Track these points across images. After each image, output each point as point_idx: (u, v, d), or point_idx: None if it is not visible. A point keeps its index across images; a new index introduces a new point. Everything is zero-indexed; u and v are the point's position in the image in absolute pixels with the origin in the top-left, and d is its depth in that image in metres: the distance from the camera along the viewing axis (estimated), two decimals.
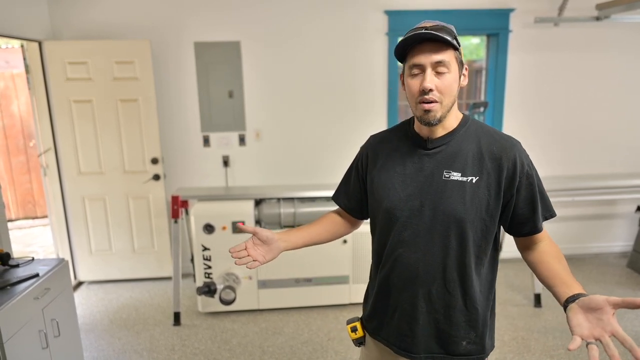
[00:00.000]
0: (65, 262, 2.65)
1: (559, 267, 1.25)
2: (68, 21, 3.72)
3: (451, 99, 1.24)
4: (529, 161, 1.28)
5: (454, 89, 1.23)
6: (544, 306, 3.50)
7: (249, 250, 1.38)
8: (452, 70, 1.22)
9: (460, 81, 1.26)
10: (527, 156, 1.28)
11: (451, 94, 1.23)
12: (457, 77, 1.24)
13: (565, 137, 4.24)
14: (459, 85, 1.26)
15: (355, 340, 1.55)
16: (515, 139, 1.29)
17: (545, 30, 3.99)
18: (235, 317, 3.43)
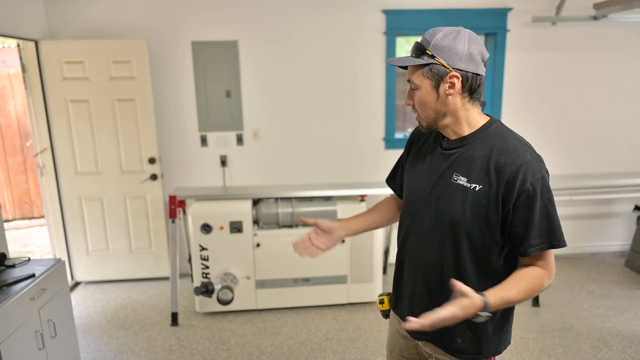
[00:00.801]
0: (61, 262, 2.63)
1: (511, 280, 1.25)
2: (65, 20, 3.70)
3: (428, 111, 1.29)
4: (537, 180, 1.21)
5: (426, 102, 1.28)
6: (542, 305, 3.49)
7: (313, 240, 1.55)
8: (423, 86, 1.27)
9: (440, 92, 1.26)
10: (537, 174, 1.21)
11: (425, 107, 1.29)
12: (429, 91, 1.26)
13: (563, 137, 4.24)
14: (440, 96, 1.26)
15: (381, 312, 1.63)
16: (531, 154, 1.24)
17: (543, 29, 3.99)
18: (233, 317, 3.42)
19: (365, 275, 3.47)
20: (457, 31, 1.24)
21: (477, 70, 1.24)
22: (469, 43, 1.23)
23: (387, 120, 4.08)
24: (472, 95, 1.27)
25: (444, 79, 1.24)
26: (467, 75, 1.23)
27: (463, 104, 1.27)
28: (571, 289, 3.78)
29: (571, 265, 4.25)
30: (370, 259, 3.45)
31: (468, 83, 1.24)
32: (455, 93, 1.25)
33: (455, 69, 1.23)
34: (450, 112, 1.28)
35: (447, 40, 1.23)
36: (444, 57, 1.23)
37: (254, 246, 3.34)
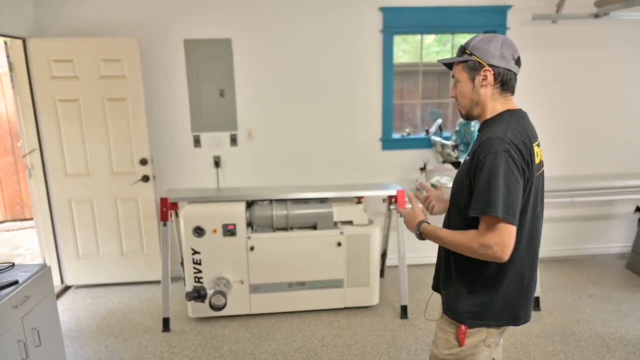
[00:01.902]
0: (47, 268, 2.54)
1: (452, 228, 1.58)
2: (53, 18, 3.60)
3: (466, 100, 1.56)
4: (490, 154, 1.39)
5: (463, 92, 1.56)
6: (544, 309, 3.42)
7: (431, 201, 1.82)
8: (462, 79, 1.56)
9: (475, 83, 1.52)
10: (492, 149, 1.39)
11: (463, 96, 1.57)
12: (466, 83, 1.54)
13: (564, 136, 4.17)
14: (475, 87, 1.53)
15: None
16: (501, 134, 1.41)
17: (543, 27, 3.91)
18: (227, 322, 3.33)
19: (362, 279, 3.39)
20: (491, 37, 1.51)
21: (508, 66, 1.49)
22: (502, 45, 1.49)
23: (384, 120, 3.99)
24: (503, 87, 1.52)
25: (479, 72, 1.50)
26: (499, 70, 1.49)
27: (492, 94, 1.52)
28: (572, 292, 3.70)
29: (571, 268, 4.18)
30: (367, 262, 3.36)
31: (500, 77, 1.50)
32: (488, 85, 1.51)
33: (489, 65, 1.49)
34: (481, 101, 1.53)
35: (482, 43, 1.50)
36: (480, 55, 1.50)
37: (247, 250, 3.26)
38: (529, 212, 1.48)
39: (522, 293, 1.55)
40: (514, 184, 1.37)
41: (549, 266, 4.22)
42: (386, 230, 3.87)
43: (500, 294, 1.52)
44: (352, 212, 3.39)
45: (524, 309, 1.57)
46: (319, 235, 3.30)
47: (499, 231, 1.36)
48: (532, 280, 1.56)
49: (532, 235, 1.53)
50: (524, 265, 1.52)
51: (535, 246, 1.56)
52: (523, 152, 1.40)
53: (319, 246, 3.31)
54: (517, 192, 1.38)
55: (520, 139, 1.41)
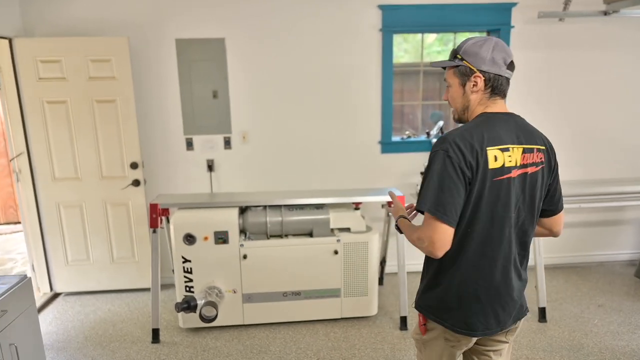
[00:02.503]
0: (27, 279, 2.41)
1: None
2: (41, 17, 3.48)
3: (457, 104, 1.57)
4: (436, 150, 1.43)
5: (455, 97, 1.57)
6: (550, 321, 3.27)
7: None
8: (453, 84, 1.56)
9: (466, 89, 1.52)
10: (436, 146, 1.44)
11: (454, 101, 1.58)
12: (457, 88, 1.55)
13: (570, 139, 4.01)
14: (466, 92, 1.53)
15: None
16: (447, 135, 1.44)
17: (550, 25, 3.76)
18: (218, 333, 3.20)
19: (360, 289, 3.25)
20: (484, 40, 1.48)
21: (499, 72, 1.47)
22: (493, 50, 1.46)
23: (383, 122, 3.85)
24: (493, 92, 1.50)
25: (470, 78, 1.50)
26: (489, 76, 1.48)
27: (481, 99, 1.52)
28: (579, 301, 3.55)
29: (578, 276, 4.03)
30: (365, 270, 3.23)
31: (490, 82, 1.49)
32: (478, 90, 1.50)
33: (480, 71, 1.48)
34: (471, 106, 1.54)
35: (474, 47, 1.48)
36: (471, 60, 1.49)
37: (240, 258, 3.12)
38: (482, 216, 1.44)
39: (478, 300, 1.50)
40: (448, 183, 1.38)
41: (554, 274, 4.07)
42: (385, 236, 3.73)
43: (450, 295, 1.53)
44: (350, 219, 3.25)
45: (482, 321, 1.52)
46: (315, 242, 3.17)
47: (429, 227, 1.41)
48: (490, 290, 1.50)
49: (488, 242, 1.47)
50: (473, 271, 1.49)
51: (493, 254, 1.48)
52: (465, 154, 1.39)
53: (315, 254, 3.17)
54: (450, 191, 1.38)
55: (468, 141, 1.40)
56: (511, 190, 1.45)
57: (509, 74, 1.49)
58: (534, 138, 1.50)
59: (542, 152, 1.52)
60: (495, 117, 1.49)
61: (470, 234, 1.45)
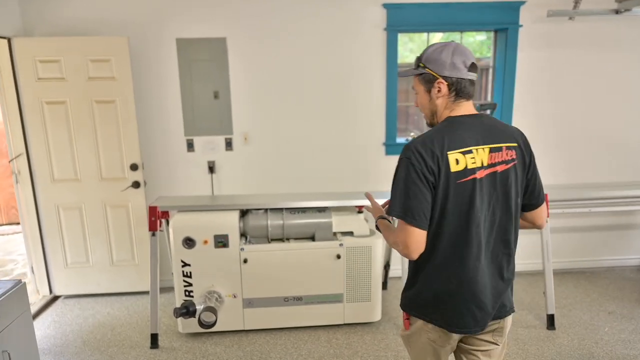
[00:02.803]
0: (22, 284, 2.36)
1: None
2: (40, 17, 3.44)
3: (426, 110, 1.64)
4: (400, 157, 1.51)
5: (423, 103, 1.63)
6: (559, 328, 3.18)
7: None
8: (419, 91, 1.63)
9: (431, 95, 1.58)
10: (401, 154, 1.52)
11: (423, 107, 1.64)
12: (423, 95, 1.61)
13: (581, 142, 3.91)
14: (432, 98, 1.58)
15: None
16: (413, 145, 1.49)
17: (559, 24, 3.66)
18: (219, 338, 3.14)
19: (363, 294, 3.17)
20: (444, 45, 1.54)
21: (460, 75, 1.52)
22: (453, 55, 1.51)
23: (387, 123, 3.77)
24: (458, 95, 1.55)
25: (434, 84, 1.55)
26: (452, 80, 1.53)
27: (446, 103, 1.57)
28: (589, 308, 3.45)
29: (587, 281, 3.93)
30: (368, 275, 3.15)
31: (454, 87, 1.53)
32: (443, 95, 1.55)
33: (442, 76, 1.53)
34: (438, 111, 1.59)
35: (435, 54, 1.53)
36: (432, 67, 1.54)
37: (241, 262, 3.06)
38: (449, 218, 1.49)
39: (452, 298, 1.56)
40: (413, 189, 1.45)
41: (563, 279, 3.97)
42: None
43: (425, 293, 1.60)
44: (353, 222, 3.18)
45: (458, 317, 1.56)
46: (317, 246, 3.09)
47: (402, 231, 1.48)
48: (461, 289, 1.54)
49: (457, 241, 1.51)
50: (444, 270, 1.54)
51: (463, 253, 1.51)
52: (427, 160, 1.45)
53: (317, 258, 3.10)
54: (416, 196, 1.45)
55: (429, 147, 1.46)
56: (476, 191, 1.48)
57: (472, 76, 1.54)
58: (502, 137, 1.54)
59: (513, 149, 1.54)
60: (459, 120, 1.54)
61: (441, 235, 1.51)
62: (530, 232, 3.97)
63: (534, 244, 4.01)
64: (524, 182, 1.60)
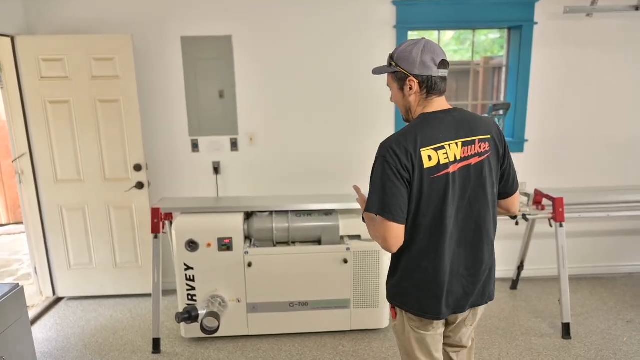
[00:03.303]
0: (19, 288, 2.30)
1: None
2: (44, 15, 3.39)
3: (401, 107, 1.68)
4: (376, 156, 1.56)
5: (397, 100, 1.68)
6: (574, 337, 3.05)
7: None
8: (393, 88, 1.67)
9: (404, 92, 1.62)
10: (377, 152, 1.56)
11: (398, 104, 1.68)
12: (397, 92, 1.65)
13: (598, 144, 3.78)
14: (405, 96, 1.62)
15: None
16: (387, 144, 1.54)
17: (577, 21, 3.53)
18: (222, 344, 3.06)
19: (371, 300, 3.08)
20: (414, 43, 1.57)
21: (430, 73, 1.56)
22: (422, 53, 1.54)
23: (397, 123, 3.67)
24: (429, 92, 1.59)
25: (405, 82, 1.59)
26: (422, 78, 1.56)
27: (419, 100, 1.61)
28: (606, 317, 3.32)
29: (603, 288, 3.79)
30: (377, 280, 3.05)
31: (424, 84, 1.57)
32: (414, 93, 1.60)
33: (413, 75, 1.57)
34: (412, 108, 1.64)
35: (405, 52, 1.57)
36: (403, 65, 1.58)
37: (245, 266, 2.97)
38: (424, 211, 1.56)
39: (430, 288, 1.63)
40: (389, 185, 1.51)
41: (578, 285, 3.83)
42: None
43: (404, 282, 1.67)
44: (360, 226, 3.08)
45: (434, 306, 1.64)
46: (324, 250, 3.00)
47: (380, 226, 1.55)
48: (438, 277, 1.61)
49: (433, 233, 1.58)
50: (422, 260, 1.61)
51: (438, 244, 1.59)
52: (401, 158, 1.50)
53: (324, 263, 3.01)
54: (393, 193, 1.51)
55: (402, 145, 1.51)
56: (449, 185, 1.55)
57: (443, 73, 1.57)
58: (475, 130, 1.59)
59: (487, 141, 1.60)
60: (431, 117, 1.58)
61: (417, 227, 1.58)
62: (546, 236, 3.84)
63: (548, 248, 3.88)
64: (499, 173, 1.66)
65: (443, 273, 1.61)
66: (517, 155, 3.76)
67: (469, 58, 3.85)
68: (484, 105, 3.93)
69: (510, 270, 3.94)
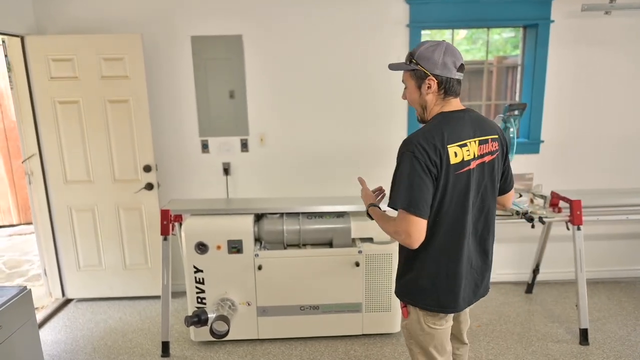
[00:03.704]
0: (27, 291, 2.28)
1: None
2: (53, 15, 3.37)
3: (416, 105, 1.72)
4: (402, 152, 1.58)
5: (412, 98, 1.71)
6: (592, 343, 2.97)
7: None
8: (409, 86, 1.70)
9: (421, 91, 1.66)
10: (402, 148, 1.59)
11: (413, 102, 1.72)
12: (414, 90, 1.69)
13: (615, 145, 3.68)
14: (422, 94, 1.67)
15: None
16: (410, 137, 1.59)
17: (595, 20, 3.45)
18: (232, 347, 3.02)
19: (383, 304, 3.02)
20: (436, 44, 1.62)
21: (450, 75, 1.62)
22: (444, 54, 1.60)
23: (409, 124, 3.60)
24: (446, 93, 1.65)
25: (424, 81, 1.64)
26: (442, 79, 1.62)
27: (436, 100, 1.67)
28: (624, 322, 3.23)
29: (622, 292, 3.70)
30: (389, 284, 2.99)
31: (443, 85, 1.63)
32: (432, 92, 1.65)
33: (433, 74, 1.62)
34: (428, 106, 1.68)
35: (427, 52, 1.61)
36: (424, 64, 1.62)
37: (255, 269, 2.93)
38: (447, 207, 1.61)
39: (449, 282, 1.67)
40: (417, 181, 1.53)
41: (595, 289, 3.74)
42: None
43: (421, 277, 1.70)
44: (373, 228, 3.02)
45: (451, 299, 1.70)
46: (335, 253, 2.95)
47: (404, 221, 1.56)
48: (454, 270, 1.67)
49: (454, 228, 1.64)
50: (442, 255, 1.66)
51: (459, 238, 1.65)
52: (430, 153, 1.54)
53: (335, 266, 2.96)
54: (420, 188, 1.53)
55: (430, 142, 1.55)
56: (471, 180, 1.62)
57: (460, 76, 1.64)
58: (488, 129, 1.68)
59: (496, 140, 1.70)
60: (451, 115, 1.64)
61: (439, 222, 1.62)
62: (562, 239, 3.76)
63: (564, 251, 3.80)
64: (501, 170, 1.77)
65: (461, 267, 1.67)
66: (532, 156, 3.68)
67: (481, 57, 3.77)
68: (497, 105, 3.85)
69: (525, 273, 3.86)
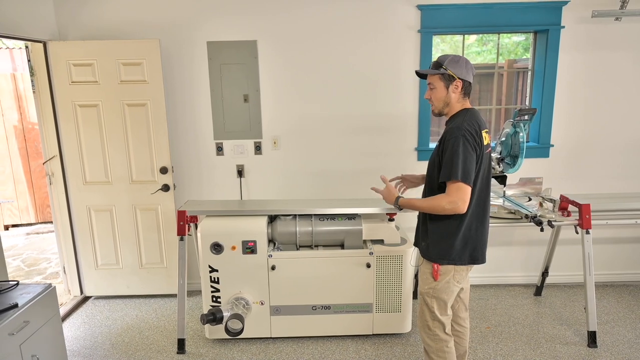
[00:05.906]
0: (52, 288, 2.38)
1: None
2: (75, 21, 3.47)
3: (440, 103, 2.16)
4: (452, 137, 2.02)
5: (439, 97, 2.15)
6: (601, 346, 3.01)
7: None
8: (437, 87, 2.14)
9: (449, 90, 2.12)
10: (453, 134, 2.02)
11: (439, 100, 2.16)
12: (442, 89, 2.13)
13: (627, 149, 3.71)
14: (448, 93, 2.13)
15: None
16: (459, 126, 2.03)
17: (605, 25, 3.48)
18: (245, 345, 3.10)
19: (393, 304, 3.08)
20: (459, 56, 2.11)
21: (470, 79, 2.12)
22: (466, 65, 2.10)
23: (420, 128, 3.66)
24: (465, 94, 2.14)
25: (453, 82, 2.10)
26: (466, 83, 2.12)
27: (458, 98, 2.14)
28: (633, 325, 3.26)
29: (630, 296, 3.72)
30: (399, 285, 3.05)
31: (464, 87, 2.12)
32: (457, 92, 2.12)
33: (460, 78, 2.09)
34: (451, 103, 2.14)
35: (453, 62, 2.09)
36: (454, 70, 2.09)
37: (268, 269, 3.01)
38: (479, 178, 2.09)
39: (477, 239, 2.16)
40: (468, 157, 2.00)
41: (604, 292, 3.77)
42: None
43: (458, 240, 2.13)
44: (384, 230, 3.08)
45: (480, 252, 2.19)
46: (347, 254, 3.02)
47: (460, 190, 2.00)
48: (480, 229, 2.16)
49: (480, 195, 2.13)
50: (473, 217, 2.13)
51: (483, 203, 2.15)
52: (475, 136, 2.02)
53: (346, 267, 3.02)
54: (471, 163, 2.00)
55: (473, 127, 2.03)
56: (488, 159, 2.16)
57: (472, 82, 2.16)
58: (484, 125, 2.15)
59: (490, 134, 2.20)
60: (473, 111, 2.13)
61: (474, 192, 2.08)
62: (571, 242, 3.79)
63: (573, 254, 3.83)
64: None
65: (486, 228, 2.18)
66: (542, 160, 3.72)
67: (491, 60, 3.81)
68: (507, 110, 3.89)
69: (534, 276, 3.90)
